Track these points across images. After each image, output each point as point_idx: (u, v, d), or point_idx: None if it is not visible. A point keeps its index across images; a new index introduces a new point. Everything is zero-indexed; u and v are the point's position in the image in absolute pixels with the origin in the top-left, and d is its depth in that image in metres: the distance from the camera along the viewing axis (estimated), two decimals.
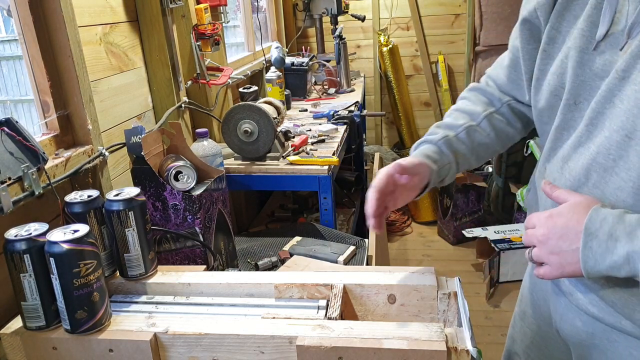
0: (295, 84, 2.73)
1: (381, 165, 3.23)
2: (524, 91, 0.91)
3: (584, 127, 0.75)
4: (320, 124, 2.13)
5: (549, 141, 0.83)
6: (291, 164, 1.69)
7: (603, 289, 0.77)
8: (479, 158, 0.98)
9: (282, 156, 1.73)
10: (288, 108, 2.51)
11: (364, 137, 3.28)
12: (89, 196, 0.93)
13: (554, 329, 0.92)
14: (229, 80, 1.94)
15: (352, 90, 2.92)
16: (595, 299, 0.79)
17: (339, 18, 3.14)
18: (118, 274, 0.98)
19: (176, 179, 1.21)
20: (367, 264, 1.49)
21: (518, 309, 1.08)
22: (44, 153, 1.02)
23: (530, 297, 1.01)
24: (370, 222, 0.85)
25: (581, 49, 0.74)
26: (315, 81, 2.95)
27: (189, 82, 1.78)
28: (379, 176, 0.86)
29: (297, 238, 1.57)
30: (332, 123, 2.13)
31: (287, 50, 3.17)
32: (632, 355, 0.78)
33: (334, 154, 1.76)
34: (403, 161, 0.86)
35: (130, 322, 0.85)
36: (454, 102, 1.06)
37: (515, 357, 1.08)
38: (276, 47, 2.51)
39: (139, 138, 1.19)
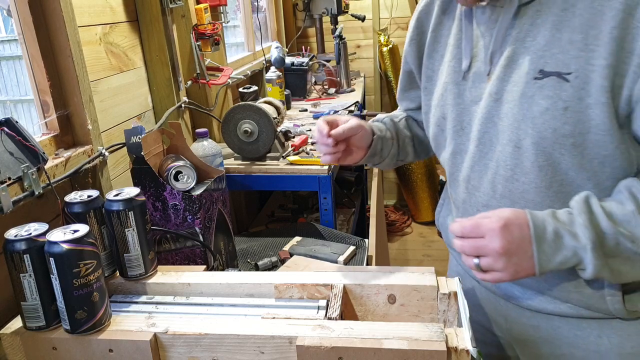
0: (295, 84, 2.72)
1: None
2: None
3: (474, 147, 0.85)
4: None
5: (448, 167, 0.94)
6: (291, 164, 1.68)
7: (538, 283, 0.86)
8: (417, 150, 1.09)
9: (282, 156, 1.73)
10: (288, 108, 2.51)
11: None
12: (88, 196, 0.93)
13: (493, 334, 1.01)
14: (229, 80, 1.94)
15: (352, 90, 2.92)
16: (532, 293, 0.88)
17: (339, 18, 3.13)
18: (118, 274, 0.98)
19: (176, 179, 1.21)
20: (367, 264, 1.49)
21: None
22: (43, 153, 1.02)
23: None
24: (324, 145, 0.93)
25: (455, 82, 0.87)
26: (315, 81, 2.95)
27: (189, 82, 1.78)
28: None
29: (297, 238, 1.57)
30: None
31: (287, 50, 3.17)
32: (577, 336, 0.86)
33: None
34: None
35: (130, 322, 0.85)
36: None
37: None
38: (276, 47, 2.51)
39: (139, 138, 1.19)
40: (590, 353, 0.86)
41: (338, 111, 2.23)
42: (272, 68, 2.43)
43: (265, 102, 1.77)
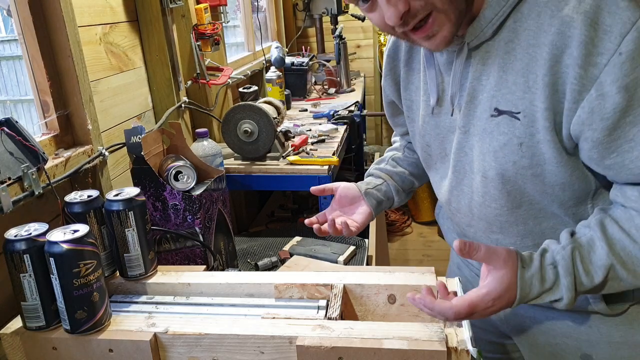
0: (295, 84, 2.72)
1: None
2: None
3: (451, 174, 0.90)
4: (320, 124, 2.13)
5: (435, 188, 0.99)
6: (291, 164, 1.68)
7: None
8: (418, 176, 1.13)
9: (282, 156, 1.73)
10: (288, 108, 2.51)
11: (364, 137, 3.28)
12: (88, 196, 0.93)
13: (493, 323, 1.04)
14: (229, 80, 1.94)
15: (352, 90, 2.92)
16: None
17: (339, 18, 3.13)
18: (118, 274, 0.98)
19: (176, 179, 1.21)
20: (367, 264, 1.49)
21: None
22: (43, 153, 1.02)
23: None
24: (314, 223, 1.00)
25: (430, 115, 0.90)
26: (315, 81, 2.94)
27: (189, 82, 1.78)
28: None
29: (297, 238, 1.57)
30: (332, 123, 2.13)
31: (287, 50, 3.17)
32: (569, 327, 0.91)
33: (334, 154, 1.76)
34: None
35: (130, 322, 0.85)
36: None
37: None
38: (276, 47, 2.51)
39: (139, 138, 1.19)
40: (582, 342, 0.90)
41: (338, 111, 2.23)
42: (272, 68, 2.43)
43: (265, 102, 1.77)
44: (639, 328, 0.86)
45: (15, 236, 0.80)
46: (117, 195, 0.93)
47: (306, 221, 1.01)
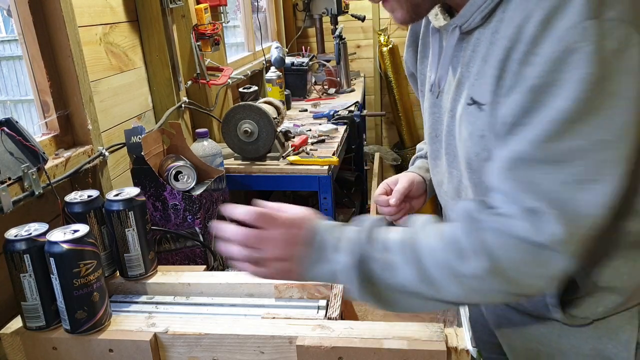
0: (295, 84, 2.72)
1: (381, 165, 3.23)
2: None
3: (444, 155, 0.89)
4: (320, 124, 2.13)
5: (430, 169, 0.98)
6: (291, 164, 1.69)
7: None
8: None
9: (282, 156, 1.73)
10: (288, 108, 2.51)
11: (364, 137, 3.28)
12: (89, 196, 0.93)
13: (484, 321, 1.02)
14: (229, 80, 1.94)
15: (352, 90, 2.92)
16: None
17: (339, 18, 3.13)
18: (118, 274, 0.98)
19: (176, 179, 1.21)
20: None
21: None
22: (44, 153, 1.02)
23: None
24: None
25: (430, 91, 0.89)
26: (315, 81, 2.94)
27: (189, 82, 1.78)
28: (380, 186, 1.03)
29: None
30: (332, 123, 2.13)
31: (287, 50, 3.17)
32: (542, 334, 0.90)
33: (334, 154, 1.76)
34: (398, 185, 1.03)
35: (130, 322, 0.85)
36: None
37: None
38: (276, 47, 2.51)
39: (139, 138, 1.19)
40: (554, 350, 0.89)
41: (338, 111, 2.24)
42: (272, 68, 2.43)
43: (265, 102, 1.77)
44: (608, 343, 0.84)
45: (16, 236, 0.80)
46: (117, 195, 0.93)
47: (382, 199, 1.01)
